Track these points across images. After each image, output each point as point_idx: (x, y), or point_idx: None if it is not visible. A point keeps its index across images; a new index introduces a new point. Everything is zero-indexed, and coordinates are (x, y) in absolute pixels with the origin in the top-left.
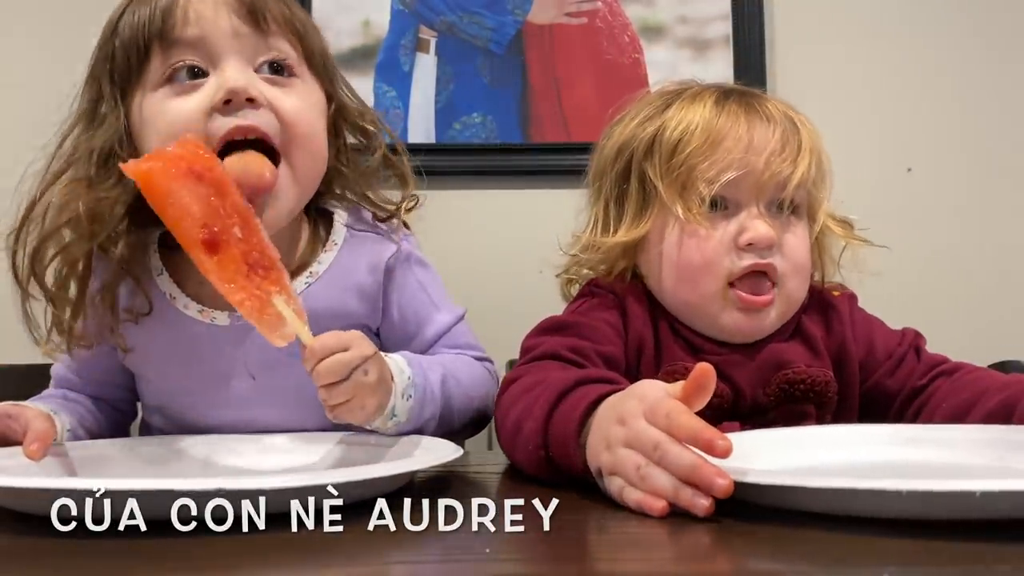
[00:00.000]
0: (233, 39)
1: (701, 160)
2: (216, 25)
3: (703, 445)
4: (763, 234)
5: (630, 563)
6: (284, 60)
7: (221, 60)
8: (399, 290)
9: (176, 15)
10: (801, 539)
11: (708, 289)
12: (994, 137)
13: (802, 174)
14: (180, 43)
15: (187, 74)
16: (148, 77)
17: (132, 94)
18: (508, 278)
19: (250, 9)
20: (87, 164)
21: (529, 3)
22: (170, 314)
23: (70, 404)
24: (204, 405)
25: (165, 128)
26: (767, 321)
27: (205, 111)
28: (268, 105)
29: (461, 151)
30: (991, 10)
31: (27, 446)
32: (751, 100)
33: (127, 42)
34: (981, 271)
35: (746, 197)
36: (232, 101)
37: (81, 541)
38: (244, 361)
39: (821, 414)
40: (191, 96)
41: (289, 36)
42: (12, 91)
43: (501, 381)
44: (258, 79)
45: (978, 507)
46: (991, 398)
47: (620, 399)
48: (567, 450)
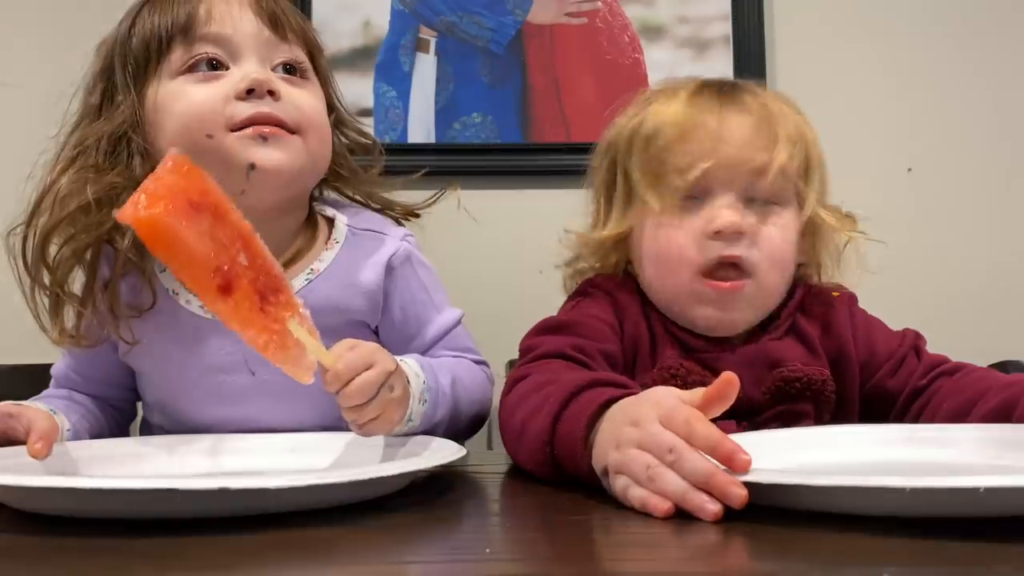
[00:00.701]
0: (254, 39)
1: (673, 152)
2: (240, 25)
3: (722, 456)
4: (729, 222)
5: (632, 563)
6: (299, 63)
7: (242, 56)
8: (401, 290)
9: (200, 13)
10: (801, 539)
11: (681, 280)
12: (994, 137)
13: (778, 163)
14: (203, 38)
15: (207, 65)
16: (166, 68)
17: (147, 84)
18: (508, 278)
19: (271, 16)
20: (95, 152)
21: (529, 3)
22: (172, 309)
23: (71, 404)
24: (203, 401)
25: (185, 109)
26: (738, 313)
27: (228, 97)
28: (286, 97)
29: (461, 151)
30: (991, 10)
31: (31, 444)
32: (730, 91)
33: (147, 36)
34: (981, 271)
35: (719, 187)
36: (255, 91)
37: (82, 540)
38: (244, 357)
39: (819, 413)
40: (212, 84)
41: (302, 45)
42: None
43: (505, 380)
44: (276, 77)
45: (982, 504)
46: (991, 398)
47: (634, 402)
48: (574, 451)
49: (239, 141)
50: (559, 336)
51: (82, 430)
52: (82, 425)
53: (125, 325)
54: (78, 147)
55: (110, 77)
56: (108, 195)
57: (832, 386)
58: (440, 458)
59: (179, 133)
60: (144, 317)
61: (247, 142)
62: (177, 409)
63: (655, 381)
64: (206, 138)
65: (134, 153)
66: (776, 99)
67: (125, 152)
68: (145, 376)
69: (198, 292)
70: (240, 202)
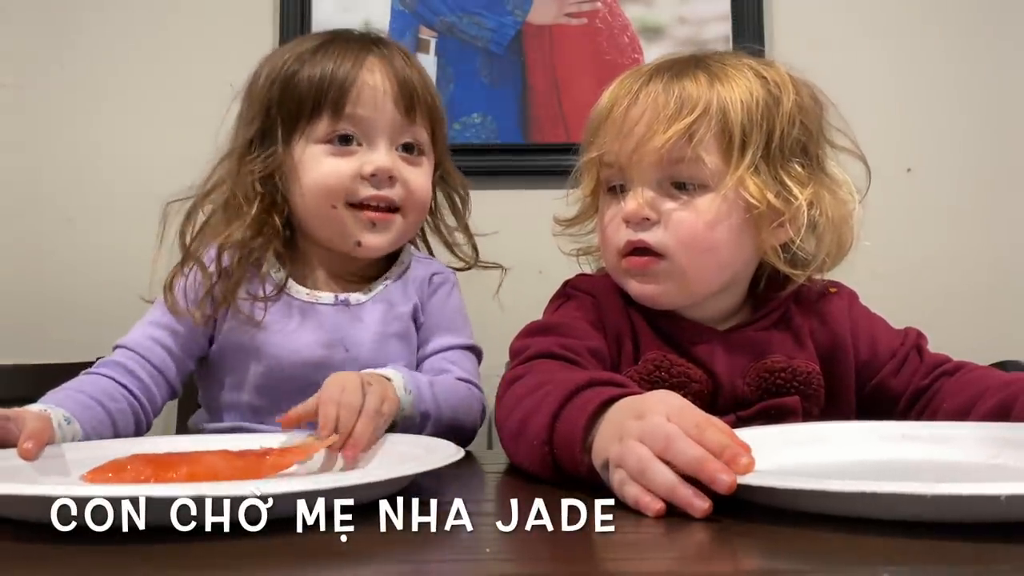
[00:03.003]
0: (388, 126)
1: (593, 145)
2: (378, 112)
3: (726, 458)
4: (631, 210)
5: (630, 563)
6: (419, 143)
7: (375, 140)
8: (433, 298)
9: (351, 94)
10: (801, 539)
11: (611, 260)
12: (994, 137)
13: (658, 149)
14: (347, 117)
15: (341, 140)
16: (313, 131)
17: (295, 140)
18: (508, 278)
19: (407, 103)
20: (250, 185)
21: (529, 3)
22: (283, 298)
23: (128, 374)
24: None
25: (319, 179)
26: (658, 287)
27: (355, 176)
28: (400, 180)
29: (461, 151)
30: (991, 10)
31: (21, 444)
32: (650, 74)
33: (303, 96)
34: (981, 271)
35: (634, 176)
36: (377, 175)
37: (82, 540)
38: (342, 336)
39: (808, 407)
40: (344, 159)
41: (427, 123)
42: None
43: (500, 380)
44: (397, 157)
45: (1003, 510)
46: (990, 397)
47: (641, 399)
48: (572, 450)
49: (354, 219)
50: (548, 337)
51: (103, 426)
52: (112, 417)
53: (250, 308)
54: (232, 177)
55: (267, 117)
56: (257, 222)
57: (819, 380)
58: (439, 459)
59: (311, 195)
60: (259, 304)
61: (360, 223)
62: (255, 401)
63: (639, 373)
64: (330, 207)
65: (276, 191)
66: (729, 69)
67: (269, 189)
68: (228, 368)
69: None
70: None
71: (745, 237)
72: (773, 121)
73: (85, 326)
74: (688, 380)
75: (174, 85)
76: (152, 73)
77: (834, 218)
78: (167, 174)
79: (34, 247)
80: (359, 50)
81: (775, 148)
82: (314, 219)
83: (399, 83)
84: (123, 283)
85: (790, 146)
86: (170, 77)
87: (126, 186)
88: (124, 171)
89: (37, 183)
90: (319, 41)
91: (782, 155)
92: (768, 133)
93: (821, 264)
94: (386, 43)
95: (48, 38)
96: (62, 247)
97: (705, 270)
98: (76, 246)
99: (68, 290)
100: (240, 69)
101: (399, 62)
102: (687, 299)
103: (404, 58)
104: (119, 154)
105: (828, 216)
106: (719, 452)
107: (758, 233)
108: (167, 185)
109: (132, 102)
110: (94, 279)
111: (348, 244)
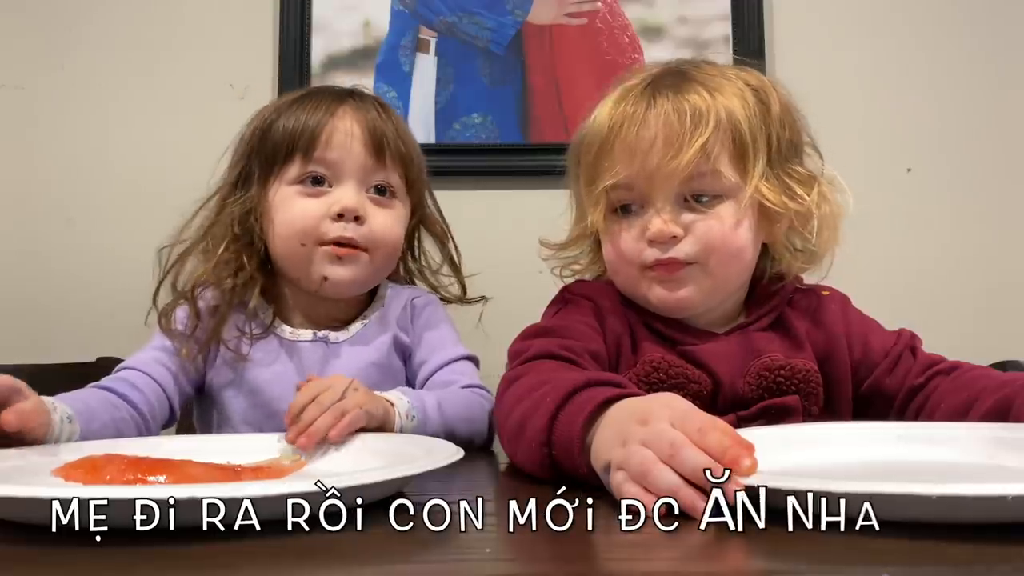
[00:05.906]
0: (358, 167)
1: (599, 168)
2: (348, 154)
3: (728, 460)
4: (657, 231)
5: (630, 563)
6: (390, 186)
7: (344, 181)
8: (420, 319)
9: (321, 138)
10: (801, 539)
11: (630, 275)
12: (994, 137)
13: (684, 168)
14: (318, 160)
15: (312, 181)
16: (286, 173)
17: (271, 181)
18: (508, 278)
19: (377, 147)
20: (230, 224)
21: (529, 3)
22: (271, 335)
23: (132, 388)
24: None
25: (290, 218)
26: (686, 291)
27: (323, 216)
28: (367, 221)
29: (461, 151)
30: (991, 10)
31: (4, 415)
32: (651, 92)
33: (278, 143)
34: (981, 271)
35: (650, 195)
36: (344, 216)
37: (82, 541)
38: (321, 372)
39: (807, 406)
40: (315, 200)
41: (400, 168)
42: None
43: (500, 380)
44: (366, 199)
45: (1009, 511)
46: (988, 398)
47: (643, 401)
48: (571, 450)
49: (320, 255)
50: (547, 339)
51: (105, 431)
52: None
53: (236, 344)
54: (218, 216)
55: (247, 162)
56: (232, 258)
57: (818, 379)
58: (439, 459)
59: (282, 235)
60: (246, 341)
61: (325, 259)
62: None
63: (638, 375)
64: (300, 246)
65: (253, 230)
66: (720, 79)
67: (246, 229)
68: (227, 398)
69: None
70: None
71: (759, 239)
72: (770, 126)
73: (85, 326)
74: (686, 381)
75: (174, 86)
76: (152, 74)
77: (832, 213)
78: (167, 174)
79: (34, 247)
80: (332, 100)
81: (775, 152)
82: (286, 259)
83: (369, 129)
84: (123, 283)
85: (787, 148)
86: (170, 78)
87: (126, 186)
88: (124, 171)
89: (37, 183)
90: (300, 94)
91: (782, 158)
92: (768, 138)
93: (820, 259)
94: (363, 95)
95: (48, 39)
96: (62, 247)
97: (733, 272)
98: (76, 246)
99: (68, 290)
100: (240, 70)
101: (372, 112)
102: (711, 302)
103: (378, 108)
104: (119, 155)
105: (827, 212)
106: (721, 455)
107: (770, 235)
108: (167, 185)
109: (132, 103)
110: (94, 279)
111: (315, 281)
